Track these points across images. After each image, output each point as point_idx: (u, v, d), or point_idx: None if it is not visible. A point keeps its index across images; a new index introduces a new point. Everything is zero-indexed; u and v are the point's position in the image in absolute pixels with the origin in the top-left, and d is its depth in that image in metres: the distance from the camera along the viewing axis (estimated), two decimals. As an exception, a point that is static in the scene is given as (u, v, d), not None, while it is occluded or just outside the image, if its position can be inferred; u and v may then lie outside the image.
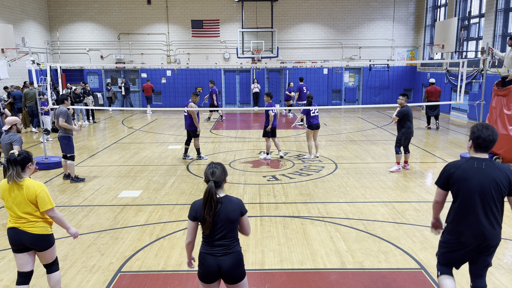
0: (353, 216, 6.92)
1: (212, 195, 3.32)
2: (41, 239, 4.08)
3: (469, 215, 3.60)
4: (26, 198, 3.98)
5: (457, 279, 4.87)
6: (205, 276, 3.45)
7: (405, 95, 9.52)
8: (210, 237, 3.41)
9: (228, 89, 23.49)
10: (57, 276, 4.28)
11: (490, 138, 3.58)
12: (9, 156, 3.98)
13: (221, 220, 3.36)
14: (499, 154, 10.02)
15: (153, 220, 6.80)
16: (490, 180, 3.54)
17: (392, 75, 23.25)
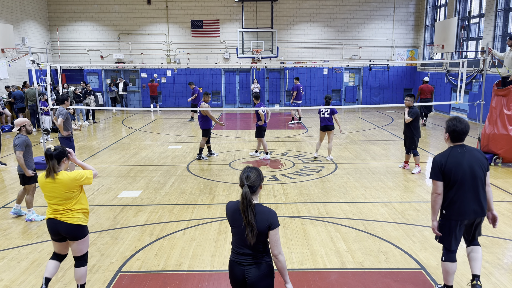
0: (353, 216, 6.92)
1: (249, 200, 3.13)
2: (76, 229, 4.31)
3: (467, 195, 4.10)
4: (63, 189, 4.23)
5: (457, 279, 4.87)
6: (233, 283, 3.38)
7: (412, 96, 9.45)
8: (238, 246, 3.28)
9: (228, 89, 23.48)
10: (82, 270, 4.46)
11: (464, 131, 4.14)
12: (46, 151, 4.23)
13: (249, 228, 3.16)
14: (499, 154, 10.02)
15: (153, 220, 6.80)
16: (475, 160, 4.13)
17: (392, 75, 23.25)
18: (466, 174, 4.09)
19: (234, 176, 9.43)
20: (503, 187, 8.41)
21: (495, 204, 7.43)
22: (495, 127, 10.06)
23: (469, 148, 4.22)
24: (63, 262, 5.36)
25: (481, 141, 10.35)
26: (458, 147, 4.19)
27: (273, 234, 3.20)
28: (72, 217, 4.28)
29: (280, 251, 3.25)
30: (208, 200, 7.79)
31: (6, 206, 7.58)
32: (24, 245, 5.92)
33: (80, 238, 4.36)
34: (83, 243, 4.40)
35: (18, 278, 4.99)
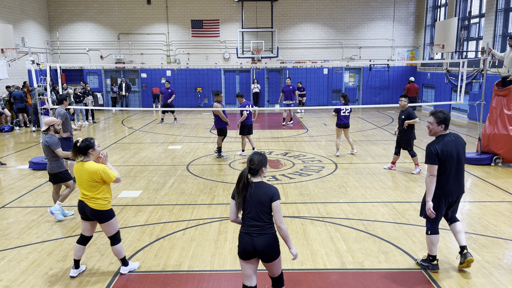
0: (353, 216, 6.91)
1: (244, 178, 3.68)
2: (99, 213, 4.80)
3: (454, 177, 4.78)
4: (88, 178, 4.73)
5: (457, 279, 4.87)
6: (243, 253, 3.80)
7: (406, 97, 9.50)
8: (246, 218, 3.77)
9: (228, 89, 23.47)
10: (117, 247, 4.96)
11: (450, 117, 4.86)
12: (74, 143, 4.79)
13: (253, 202, 3.70)
14: (499, 154, 10.01)
15: (153, 220, 6.79)
16: (460, 145, 4.83)
17: (392, 75, 23.24)
18: (454, 160, 4.75)
19: (234, 176, 9.43)
20: (503, 187, 8.41)
21: (495, 204, 7.43)
22: (495, 127, 10.05)
23: (454, 135, 4.88)
24: (62, 263, 5.36)
25: (481, 141, 10.34)
26: (447, 135, 4.83)
27: (275, 205, 3.72)
28: (95, 203, 4.79)
29: (282, 221, 3.75)
30: (208, 200, 7.79)
31: (6, 206, 7.58)
32: (24, 245, 5.92)
33: (106, 221, 4.84)
34: (109, 225, 4.87)
35: (18, 278, 4.99)
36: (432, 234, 4.93)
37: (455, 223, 5.08)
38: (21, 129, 16.40)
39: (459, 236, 5.02)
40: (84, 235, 5.02)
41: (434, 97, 20.62)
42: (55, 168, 6.74)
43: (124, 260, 5.05)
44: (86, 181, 4.76)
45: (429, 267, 5.03)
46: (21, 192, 8.37)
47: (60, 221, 6.78)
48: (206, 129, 16.18)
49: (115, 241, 4.94)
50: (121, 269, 5.07)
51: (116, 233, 4.95)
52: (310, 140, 13.59)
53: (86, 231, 5.00)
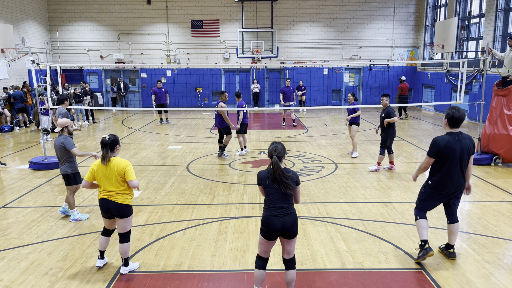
0: (353, 216, 6.91)
1: (279, 166, 4.08)
2: (124, 208, 4.94)
3: (453, 173, 4.98)
4: (115, 173, 4.85)
5: (457, 279, 4.87)
6: (270, 234, 4.18)
7: (388, 96, 9.65)
8: (273, 201, 4.16)
9: (228, 89, 23.45)
10: (125, 246, 5.04)
11: (460, 118, 4.93)
12: (101, 140, 4.88)
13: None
14: (499, 154, 10.01)
15: (153, 220, 6.79)
16: (465, 147, 4.97)
17: (392, 75, 23.24)
18: (456, 158, 4.94)
19: (234, 176, 9.43)
20: (503, 187, 8.41)
21: (495, 204, 7.43)
22: (495, 127, 10.05)
23: (463, 136, 5.00)
24: (62, 263, 5.36)
25: (481, 141, 10.34)
26: (455, 134, 4.97)
27: (299, 188, 4.27)
28: (121, 198, 4.91)
29: (299, 201, 4.39)
30: (208, 200, 7.79)
31: (6, 206, 7.58)
32: (24, 245, 5.92)
33: (126, 216, 4.97)
34: (128, 221, 5.01)
35: (18, 278, 4.99)
36: (420, 218, 5.17)
37: (453, 224, 5.25)
38: (21, 129, 16.40)
39: (452, 237, 5.30)
40: (108, 229, 5.18)
41: (434, 97, 20.62)
42: (69, 169, 6.71)
43: (126, 260, 5.10)
44: (114, 177, 4.87)
45: (424, 254, 5.08)
46: (21, 192, 8.37)
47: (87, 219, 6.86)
48: (206, 129, 16.17)
49: (127, 239, 5.04)
50: (121, 269, 5.09)
51: (129, 231, 5.09)
52: (310, 140, 13.59)
53: (109, 226, 5.15)
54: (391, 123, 9.42)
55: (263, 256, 4.37)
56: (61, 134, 6.77)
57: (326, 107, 22.30)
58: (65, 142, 6.63)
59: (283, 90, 16.24)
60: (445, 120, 5.04)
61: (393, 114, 9.34)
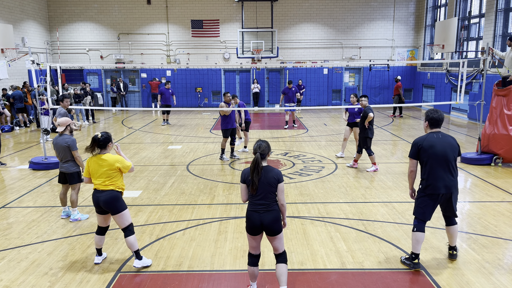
0: (353, 216, 6.91)
1: (259, 163, 4.18)
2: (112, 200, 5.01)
3: (440, 173, 4.90)
4: (108, 169, 5.03)
5: (457, 279, 4.87)
6: (251, 229, 4.31)
7: (366, 96, 9.77)
8: (255, 197, 4.26)
9: (228, 89, 23.47)
10: (131, 239, 5.11)
11: (439, 118, 4.98)
12: (94, 137, 5.06)
13: (262, 183, 4.22)
14: (499, 154, 10.01)
15: (153, 220, 6.79)
16: (448, 145, 4.93)
17: (392, 75, 23.23)
18: (438, 155, 4.88)
19: (234, 176, 9.43)
20: (503, 187, 8.41)
21: (495, 204, 7.43)
22: (495, 127, 10.05)
23: (444, 135, 4.99)
24: (62, 263, 5.37)
25: (481, 141, 10.34)
26: (434, 133, 4.99)
27: (280, 186, 4.27)
28: (109, 186, 5.04)
29: (284, 200, 4.36)
30: (208, 200, 7.79)
31: (6, 206, 7.58)
32: (24, 245, 5.91)
33: (118, 211, 5.04)
34: (122, 216, 5.08)
35: (18, 278, 4.99)
36: (417, 231, 5.03)
37: (451, 226, 5.23)
38: (21, 129, 16.39)
39: (451, 239, 5.31)
40: (101, 226, 5.26)
41: (434, 97, 20.63)
42: (73, 168, 6.74)
43: (138, 253, 5.14)
44: (105, 172, 5.03)
45: (410, 266, 5.09)
46: (21, 192, 8.37)
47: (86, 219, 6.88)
48: (206, 129, 16.17)
49: (130, 232, 5.12)
50: (135, 262, 5.15)
51: (130, 225, 5.14)
52: (310, 140, 13.59)
53: (102, 223, 5.25)
54: (370, 122, 9.48)
55: (252, 252, 4.45)
56: (62, 134, 6.76)
57: (326, 107, 22.30)
58: (70, 142, 6.66)
59: (284, 91, 15.85)
60: (425, 123, 5.07)
61: (368, 111, 9.42)
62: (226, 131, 10.68)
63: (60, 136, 6.74)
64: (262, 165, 4.23)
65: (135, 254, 5.15)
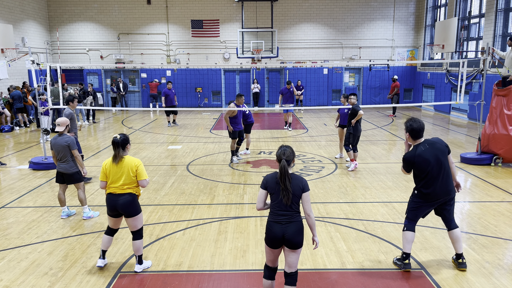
0: (353, 216, 6.91)
1: (287, 170, 3.88)
2: (130, 204, 4.94)
3: (438, 181, 4.81)
4: (128, 170, 4.92)
5: (457, 279, 4.87)
6: (272, 241, 4.01)
7: (355, 94, 9.82)
8: (278, 207, 3.96)
9: (228, 89, 23.48)
10: (138, 243, 5.07)
11: (420, 128, 4.85)
12: (113, 139, 4.94)
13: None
14: (499, 154, 10.01)
15: (153, 220, 6.79)
16: (437, 151, 4.85)
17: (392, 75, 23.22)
18: (433, 167, 4.79)
19: (234, 176, 9.43)
20: (503, 187, 8.41)
21: (495, 204, 7.43)
22: (495, 127, 10.05)
23: (430, 142, 4.90)
24: (62, 263, 5.36)
25: (481, 141, 10.34)
26: (421, 144, 4.88)
27: (306, 195, 3.99)
28: (127, 190, 4.94)
29: (311, 210, 4.05)
30: (208, 200, 7.79)
31: (6, 206, 7.58)
32: (24, 245, 5.91)
33: (134, 215, 4.98)
34: (136, 219, 5.02)
35: (18, 278, 4.99)
36: (408, 230, 5.02)
37: (453, 230, 5.05)
38: (21, 129, 16.39)
39: (456, 244, 5.07)
40: (111, 228, 5.22)
41: (434, 97, 20.63)
42: (73, 167, 6.77)
43: (140, 258, 5.13)
44: (127, 174, 4.92)
45: (401, 267, 5.05)
46: (21, 192, 8.37)
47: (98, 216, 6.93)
48: (206, 129, 16.17)
49: (139, 236, 5.08)
50: (136, 267, 5.11)
51: (141, 229, 5.11)
52: (310, 140, 13.59)
53: (114, 225, 5.20)
54: (358, 120, 9.51)
55: (270, 265, 4.20)
56: (62, 134, 6.78)
57: (326, 107, 22.30)
58: (70, 141, 6.68)
59: (282, 91, 15.55)
60: (406, 134, 4.93)
61: (357, 110, 9.45)
62: (234, 133, 10.42)
63: (60, 136, 6.75)
64: (289, 172, 3.94)
65: (138, 258, 5.11)
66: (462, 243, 5.09)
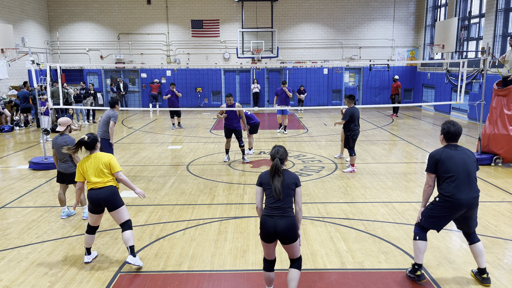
0: (353, 216, 6.91)
1: (279, 167, 4.15)
2: (111, 197, 5.09)
3: (462, 186, 4.49)
4: (102, 166, 5.14)
5: (457, 279, 4.87)
6: (265, 236, 4.18)
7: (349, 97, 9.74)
8: (271, 202, 4.15)
9: (228, 89, 23.48)
10: (127, 234, 5.16)
11: (457, 132, 4.62)
12: (80, 140, 5.23)
13: (283, 190, 4.13)
14: (499, 154, 10.01)
15: (153, 220, 6.79)
16: (468, 157, 4.58)
17: (392, 75, 23.22)
18: (459, 168, 4.51)
19: (234, 176, 9.43)
20: (503, 187, 8.41)
21: (495, 204, 7.43)
22: (496, 127, 10.04)
23: (462, 148, 4.65)
24: (62, 263, 5.37)
25: (482, 141, 10.34)
26: (452, 146, 4.65)
27: (299, 190, 4.23)
28: (107, 184, 5.12)
29: (301, 205, 4.29)
30: (208, 200, 7.79)
31: (6, 206, 7.58)
32: (24, 245, 5.92)
33: (116, 207, 5.11)
34: (120, 212, 5.15)
35: (18, 278, 4.99)
36: (420, 239, 4.70)
37: (475, 244, 4.71)
38: (21, 129, 16.39)
39: (479, 259, 4.74)
40: (92, 226, 5.31)
41: (434, 97, 20.63)
42: (72, 167, 6.77)
43: (132, 249, 5.13)
44: (100, 170, 5.13)
45: (415, 279, 4.78)
46: (21, 192, 8.37)
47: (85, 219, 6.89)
48: (206, 129, 16.17)
49: (128, 227, 5.19)
50: (129, 258, 5.12)
51: (128, 220, 5.22)
52: (310, 140, 13.59)
53: (95, 222, 5.30)
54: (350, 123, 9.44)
55: (267, 258, 4.37)
56: (63, 134, 6.80)
57: (326, 107, 22.29)
58: (70, 142, 6.67)
59: (277, 92, 14.76)
60: (441, 136, 4.73)
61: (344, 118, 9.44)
62: (224, 131, 10.62)
63: (61, 136, 6.77)
64: (282, 168, 4.20)
65: (129, 249, 5.13)
66: (484, 258, 4.75)
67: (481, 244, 4.75)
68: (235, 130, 10.52)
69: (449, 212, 4.55)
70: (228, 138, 10.63)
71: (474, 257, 4.79)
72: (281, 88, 14.68)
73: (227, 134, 10.59)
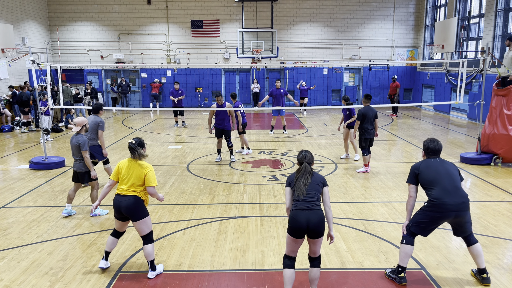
0: (353, 216, 6.92)
1: (309, 171, 4.40)
2: (134, 206, 4.86)
3: (448, 189, 4.56)
4: (137, 173, 4.91)
5: (456, 279, 4.87)
6: (296, 230, 4.27)
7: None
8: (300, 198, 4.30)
9: (228, 89, 23.48)
10: (148, 248, 4.94)
11: (437, 148, 4.80)
12: (129, 143, 4.98)
13: (311, 186, 4.35)
14: (499, 154, 10.02)
15: (153, 220, 6.79)
16: (448, 165, 4.75)
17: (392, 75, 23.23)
18: (441, 174, 4.65)
19: (233, 176, 9.43)
20: (503, 187, 8.42)
21: (495, 204, 7.44)
22: (495, 127, 10.05)
23: (443, 159, 4.82)
24: (62, 263, 5.37)
25: (481, 141, 10.35)
26: (431, 158, 4.83)
27: (326, 189, 4.44)
28: (132, 193, 4.89)
29: (330, 205, 4.45)
30: (208, 200, 7.79)
31: (6, 206, 7.59)
32: (24, 245, 5.92)
33: (139, 218, 4.89)
34: (142, 223, 4.92)
35: (18, 278, 4.99)
36: (407, 244, 4.74)
37: (473, 246, 4.76)
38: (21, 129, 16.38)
39: (478, 260, 4.78)
40: (118, 231, 5.15)
41: (434, 97, 20.63)
42: (84, 167, 6.88)
43: (153, 263, 4.99)
44: (135, 177, 4.90)
45: (396, 280, 4.79)
46: (21, 192, 8.38)
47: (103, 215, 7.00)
48: (206, 129, 16.16)
49: (149, 241, 4.96)
50: (149, 273, 4.97)
51: (150, 233, 4.98)
52: (310, 140, 13.60)
53: (120, 228, 5.14)
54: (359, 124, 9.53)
55: (291, 255, 4.45)
56: (78, 133, 6.87)
57: (326, 107, 22.30)
58: (82, 142, 6.77)
59: (272, 92, 14.49)
60: (422, 153, 4.91)
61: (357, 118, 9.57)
62: (215, 131, 10.70)
63: (76, 136, 6.87)
64: (311, 171, 4.42)
65: (150, 264, 4.97)
66: (483, 258, 4.79)
67: (479, 245, 4.78)
68: (224, 131, 10.56)
69: (437, 217, 4.60)
70: (219, 138, 10.68)
71: (473, 258, 4.81)
72: (276, 88, 14.53)
73: (218, 134, 10.66)
